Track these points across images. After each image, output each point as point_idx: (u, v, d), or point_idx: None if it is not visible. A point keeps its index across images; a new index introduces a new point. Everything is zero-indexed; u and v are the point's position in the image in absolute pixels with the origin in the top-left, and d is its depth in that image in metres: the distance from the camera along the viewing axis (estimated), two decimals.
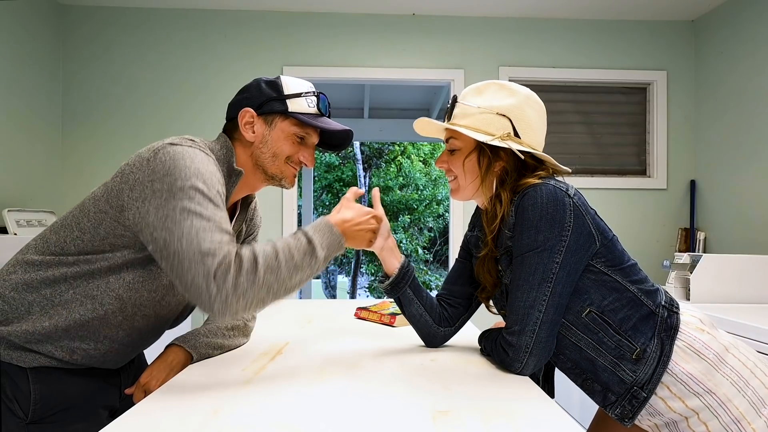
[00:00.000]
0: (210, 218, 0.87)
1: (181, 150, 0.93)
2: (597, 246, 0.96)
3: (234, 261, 0.84)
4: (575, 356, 0.98)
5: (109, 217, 0.94)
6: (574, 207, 0.95)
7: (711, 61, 3.00)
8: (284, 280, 0.89)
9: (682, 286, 2.28)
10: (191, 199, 0.87)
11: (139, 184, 0.91)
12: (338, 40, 3.07)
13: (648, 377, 0.92)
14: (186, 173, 0.89)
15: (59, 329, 0.95)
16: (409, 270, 1.15)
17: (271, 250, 0.89)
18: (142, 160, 0.93)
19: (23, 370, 0.94)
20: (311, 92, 1.10)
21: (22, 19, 2.64)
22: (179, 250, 0.84)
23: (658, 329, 0.94)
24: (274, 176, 1.10)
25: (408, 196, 11.55)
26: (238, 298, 0.84)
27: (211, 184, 0.92)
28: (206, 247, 0.83)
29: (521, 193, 0.98)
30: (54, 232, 0.99)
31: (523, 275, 0.95)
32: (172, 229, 0.85)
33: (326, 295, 11.89)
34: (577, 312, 0.96)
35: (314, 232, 0.96)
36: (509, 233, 1.00)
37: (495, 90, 1.05)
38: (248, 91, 1.10)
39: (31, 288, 0.96)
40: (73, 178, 2.96)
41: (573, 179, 3.10)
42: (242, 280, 0.83)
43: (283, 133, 1.08)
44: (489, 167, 1.03)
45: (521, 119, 1.02)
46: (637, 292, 0.96)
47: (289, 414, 0.76)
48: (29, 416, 0.94)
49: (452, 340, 1.27)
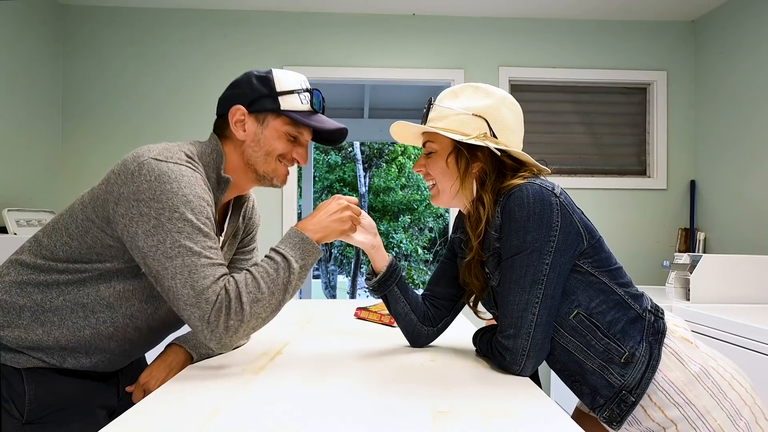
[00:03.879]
0: (200, 253, 0.89)
1: (167, 170, 0.90)
2: (584, 245, 0.95)
3: (224, 301, 0.88)
4: (564, 358, 0.98)
5: (95, 227, 0.94)
6: (561, 206, 0.94)
7: (711, 61, 3.00)
8: (271, 304, 0.93)
9: (682, 286, 2.28)
10: (180, 232, 0.88)
11: (124, 200, 0.89)
12: (338, 40, 3.07)
13: (636, 382, 0.91)
14: (174, 201, 0.88)
15: (51, 339, 0.95)
16: (396, 269, 1.15)
17: (252, 279, 0.91)
18: (126, 171, 0.91)
19: (17, 371, 0.94)
20: (304, 89, 1.07)
21: (22, 19, 2.64)
22: (173, 288, 0.87)
23: (645, 333, 0.93)
24: (266, 175, 1.08)
25: (408, 197, 11.55)
26: (231, 336, 0.89)
27: (199, 211, 0.91)
28: (200, 286, 0.87)
29: (506, 193, 0.97)
30: (46, 235, 0.99)
31: (514, 277, 0.95)
32: (164, 263, 0.87)
33: (326, 295, 11.88)
34: (565, 313, 0.95)
35: (285, 247, 0.96)
36: (496, 234, 0.99)
37: (471, 92, 1.05)
38: (239, 87, 1.06)
39: (23, 292, 0.96)
40: (73, 178, 2.96)
41: (573, 179, 3.10)
42: (232, 321, 0.88)
43: (276, 132, 1.05)
44: (467, 168, 1.02)
45: (497, 120, 1.02)
46: (624, 295, 0.95)
47: (289, 414, 0.76)
48: (25, 417, 0.93)
49: (451, 341, 1.27)
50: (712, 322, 1.87)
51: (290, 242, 0.97)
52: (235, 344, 0.94)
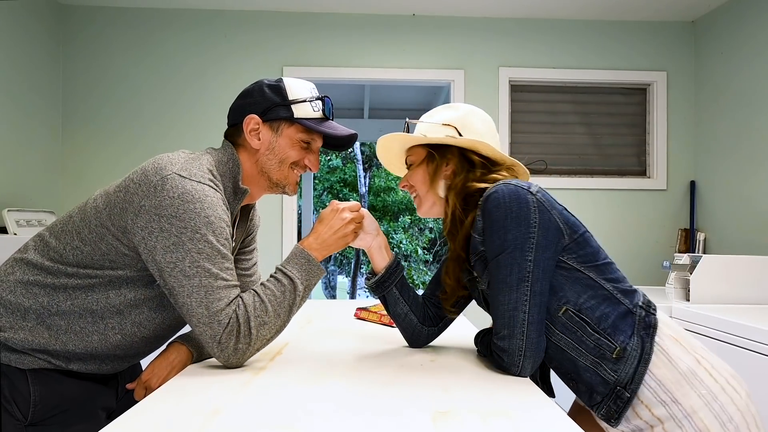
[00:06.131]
0: (217, 275, 0.91)
1: (191, 188, 0.91)
2: (566, 240, 0.96)
3: (234, 325, 0.91)
4: (558, 357, 0.98)
5: (110, 234, 0.94)
6: (538, 203, 0.95)
7: (711, 62, 3.00)
8: (276, 325, 0.97)
9: (682, 287, 2.28)
10: (200, 253, 0.90)
11: (144, 213, 0.90)
12: (338, 40, 3.07)
13: (630, 377, 0.91)
14: (196, 222, 0.90)
15: (59, 342, 0.95)
16: (396, 270, 1.15)
17: (260, 303, 0.94)
18: (148, 184, 0.91)
19: (22, 372, 0.94)
20: (315, 96, 1.09)
21: (22, 19, 2.64)
22: (188, 305, 0.90)
23: (637, 327, 0.94)
24: (279, 183, 1.10)
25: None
26: (239, 358, 0.94)
27: (219, 233, 0.93)
28: (214, 308, 0.90)
29: (484, 196, 0.99)
30: (54, 237, 0.98)
31: (500, 277, 0.96)
32: (181, 281, 0.90)
33: (326, 296, 11.89)
34: (555, 310, 0.96)
35: (292, 268, 0.99)
36: (479, 238, 1.00)
37: (442, 109, 1.13)
38: (251, 96, 1.07)
39: (29, 293, 0.95)
40: (73, 178, 2.96)
41: (573, 179, 3.10)
42: (241, 345, 0.93)
43: (290, 139, 1.07)
44: (437, 170, 1.08)
45: (465, 126, 1.08)
46: (612, 289, 0.96)
47: (289, 414, 0.76)
48: (29, 418, 0.93)
49: (451, 341, 1.27)
50: (712, 322, 1.87)
51: (297, 263, 1.00)
52: (243, 364, 0.98)
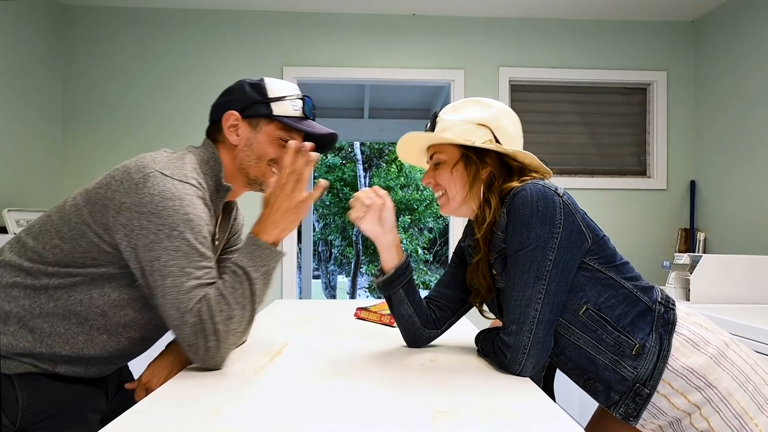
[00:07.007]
0: (190, 274, 0.90)
1: (171, 186, 0.91)
2: (589, 243, 0.97)
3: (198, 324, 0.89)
4: (576, 356, 0.98)
5: (91, 231, 0.93)
6: (564, 205, 0.96)
7: (711, 62, 3.00)
8: (244, 317, 0.94)
9: (682, 286, 2.28)
10: (177, 250, 0.90)
11: (126, 210, 0.90)
12: (338, 40, 3.07)
13: (649, 373, 0.92)
14: (174, 219, 0.90)
15: (44, 346, 0.94)
16: (405, 272, 1.14)
17: (221, 298, 0.91)
18: (130, 181, 0.91)
19: (8, 378, 0.92)
20: (295, 95, 1.09)
21: (23, 18, 2.64)
22: (162, 306, 0.90)
23: (655, 324, 0.95)
24: (256, 179, 1.10)
25: (408, 197, 11.56)
26: (213, 357, 0.92)
27: (198, 231, 0.93)
28: (183, 308, 0.89)
29: (512, 194, 0.99)
30: (32, 237, 0.97)
31: (517, 273, 0.96)
32: (158, 281, 0.90)
33: (326, 296, 11.89)
34: (575, 310, 0.97)
35: (242, 257, 0.94)
36: (502, 235, 1.01)
37: (472, 105, 1.10)
38: (232, 94, 1.09)
39: (8, 296, 0.94)
40: (73, 178, 2.96)
41: (573, 179, 3.10)
42: (211, 343, 0.90)
43: (269, 136, 1.08)
44: (477, 174, 1.07)
45: (499, 128, 1.07)
46: (632, 288, 0.97)
47: (289, 414, 0.76)
48: (17, 424, 0.92)
49: (451, 340, 1.27)
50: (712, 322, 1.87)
51: (245, 251, 0.95)
52: (222, 364, 0.95)
